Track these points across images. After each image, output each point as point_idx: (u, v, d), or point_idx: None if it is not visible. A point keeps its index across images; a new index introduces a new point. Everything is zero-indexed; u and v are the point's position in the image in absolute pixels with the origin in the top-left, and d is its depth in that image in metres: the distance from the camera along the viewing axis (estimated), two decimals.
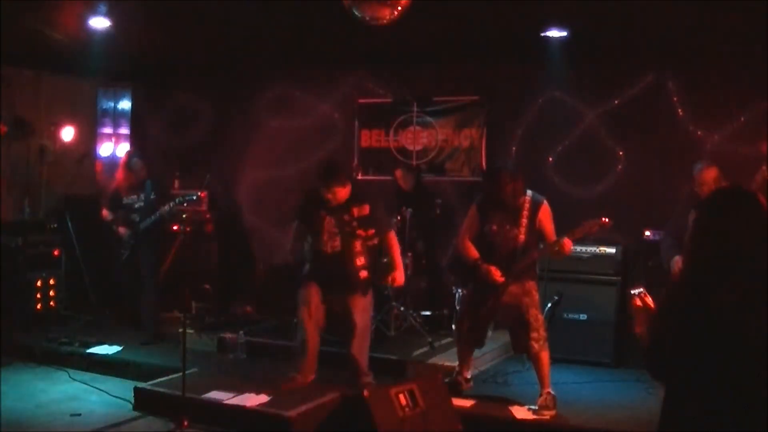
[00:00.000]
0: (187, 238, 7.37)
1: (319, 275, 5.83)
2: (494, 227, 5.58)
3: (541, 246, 5.54)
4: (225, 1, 6.17)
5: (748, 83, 6.95)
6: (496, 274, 5.47)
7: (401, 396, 4.80)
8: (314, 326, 5.81)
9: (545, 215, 5.57)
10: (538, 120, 8.04)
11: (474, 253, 5.63)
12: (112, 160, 9.48)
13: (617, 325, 6.95)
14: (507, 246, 5.54)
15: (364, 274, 5.79)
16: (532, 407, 5.48)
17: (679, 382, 2.48)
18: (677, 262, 5.72)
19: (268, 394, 5.58)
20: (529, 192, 5.60)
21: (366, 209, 5.79)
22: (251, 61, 9.04)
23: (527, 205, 5.55)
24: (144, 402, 5.80)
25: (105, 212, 7.56)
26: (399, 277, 5.85)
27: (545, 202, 5.61)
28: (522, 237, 5.51)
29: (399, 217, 7.24)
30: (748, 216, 2.48)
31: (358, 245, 5.76)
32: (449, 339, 7.05)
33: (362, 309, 5.79)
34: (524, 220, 5.52)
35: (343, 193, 5.71)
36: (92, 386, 6.35)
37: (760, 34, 6.18)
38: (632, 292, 2.73)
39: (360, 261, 5.77)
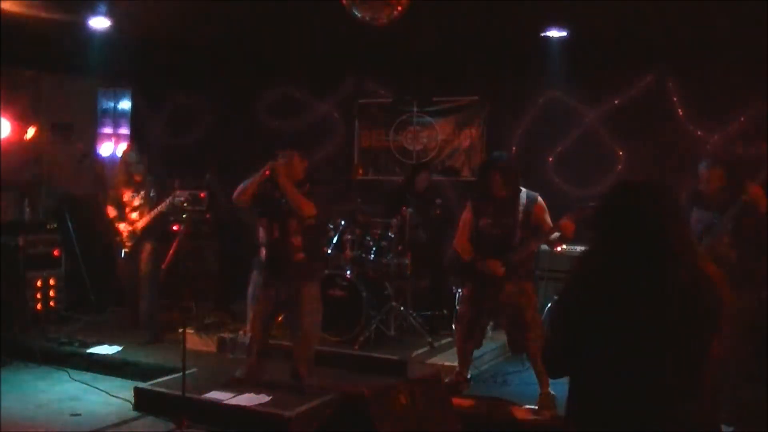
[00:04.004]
0: (187, 238, 7.35)
1: None
2: (490, 222, 5.57)
3: (540, 234, 5.53)
4: (225, 1, 6.17)
5: (748, 83, 6.94)
6: (497, 266, 5.47)
7: (401, 396, 4.79)
8: None
9: (540, 209, 5.57)
10: (538, 120, 8.04)
11: (470, 252, 5.63)
12: (112, 160, 9.47)
13: None
14: (503, 240, 5.53)
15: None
16: (532, 407, 5.48)
17: (585, 376, 2.46)
18: None
19: (268, 394, 5.57)
20: (523, 189, 5.61)
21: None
22: (251, 61, 9.04)
23: (522, 201, 5.55)
24: (144, 402, 5.79)
25: (110, 210, 7.53)
26: None
27: (539, 197, 5.62)
28: (518, 231, 5.52)
29: (399, 217, 7.23)
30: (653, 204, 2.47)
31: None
32: (449, 339, 7.04)
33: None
34: (519, 215, 5.52)
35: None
36: (92, 386, 6.34)
37: (760, 33, 6.18)
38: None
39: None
